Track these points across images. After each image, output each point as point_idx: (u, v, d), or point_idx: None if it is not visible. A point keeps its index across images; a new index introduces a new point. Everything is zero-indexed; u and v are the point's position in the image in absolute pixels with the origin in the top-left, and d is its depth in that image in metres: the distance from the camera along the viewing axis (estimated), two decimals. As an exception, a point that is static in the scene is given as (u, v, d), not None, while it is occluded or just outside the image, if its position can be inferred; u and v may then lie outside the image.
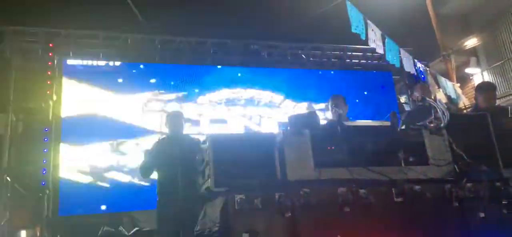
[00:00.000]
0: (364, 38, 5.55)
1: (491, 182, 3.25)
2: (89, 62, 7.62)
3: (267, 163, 3.10)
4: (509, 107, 4.86)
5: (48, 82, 7.37)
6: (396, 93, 9.38)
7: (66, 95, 7.34)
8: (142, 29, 8.29)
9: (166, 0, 9.82)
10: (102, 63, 7.71)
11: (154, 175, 4.65)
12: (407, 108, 8.75)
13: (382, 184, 3.11)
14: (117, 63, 7.77)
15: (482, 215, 3.14)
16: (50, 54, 7.49)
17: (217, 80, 8.21)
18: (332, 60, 9.32)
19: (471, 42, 10.40)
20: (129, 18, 8.29)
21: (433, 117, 3.49)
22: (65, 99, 7.31)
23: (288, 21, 10.31)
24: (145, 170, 4.61)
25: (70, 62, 7.57)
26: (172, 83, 7.95)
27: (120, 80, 7.68)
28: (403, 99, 9.43)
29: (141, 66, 7.94)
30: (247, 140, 3.35)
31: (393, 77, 9.45)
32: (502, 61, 10.05)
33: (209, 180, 3.00)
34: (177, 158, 4.36)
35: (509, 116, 4.53)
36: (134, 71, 7.87)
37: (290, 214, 2.88)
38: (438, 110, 3.40)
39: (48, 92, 7.33)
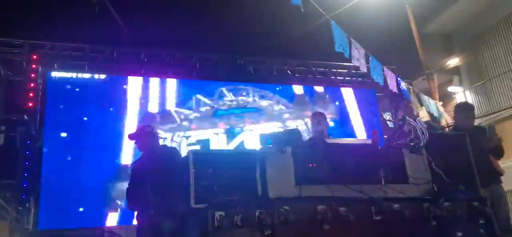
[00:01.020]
0: (347, 57, 5.62)
1: (468, 202, 3.30)
2: (74, 75, 7.57)
3: (248, 180, 3.12)
4: (487, 127, 4.97)
5: (31, 95, 7.28)
6: (380, 110, 9.49)
7: (50, 107, 7.27)
8: (128, 42, 8.28)
9: (153, 14, 9.83)
10: (87, 75, 7.67)
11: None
12: (390, 125, 8.85)
13: (362, 202, 3.14)
14: (103, 76, 7.73)
15: (459, 234, 3.17)
16: (34, 66, 7.41)
17: (202, 92, 8.26)
18: (317, 76, 9.40)
19: (454, 61, 10.58)
20: (116, 32, 8.28)
21: (413, 136, 3.54)
22: (49, 111, 7.24)
23: (274, 38, 10.41)
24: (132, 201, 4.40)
25: (54, 74, 7.52)
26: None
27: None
28: (386, 116, 9.55)
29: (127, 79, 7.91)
30: (228, 156, 3.37)
31: (377, 94, 9.57)
32: (484, 81, 10.25)
33: (190, 196, 3.01)
34: (148, 173, 4.20)
35: (487, 135, 4.62)
36: (121, 84, 7.84)
37: (270, 231, 2.88)
38: (417, 129, 3.45)
39: (30, 104, 7.24)
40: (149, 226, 4.13)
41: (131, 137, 4.39)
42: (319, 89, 9.26)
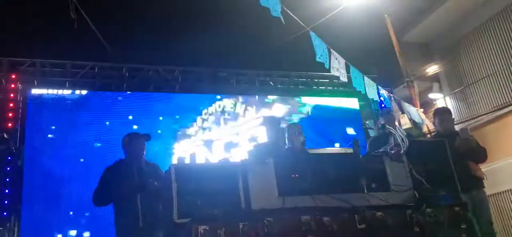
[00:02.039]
0: (328, 67, 5.67)
1: (450, 207, 3.35)
2: (55, 92, 7.47)
3: (231, 192, 3.11)
4: (459, 130, 5.03)
5: (10, 115, 7.16)
6: (362, 119, 9.58)
7: (30, 125, 7.16)
8: (109, 58, 8.22)
9: (134, 28, 9.81)
10: (68, 92, 7.58)
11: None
12: (372, 133, 8.93)
13: (345, 211, 3.16)
14: (84, 92, 7.66)
15: (442, 239, 3.22)
16: (13, 85, 7.30)
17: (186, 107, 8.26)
18: (300, 87, 9.47)
19: (433, 68, 10.76)
20: (97, 48, 8.22)
21: (394, 144, 3.59)
22: (29, 129, 7.13)
23: (256, 49, 10.47)
24: (100, 199, 4.27)
25: (35, 91, 7.41)
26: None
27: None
28: (368, 124, 9.64)
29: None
30: (211, 169, 3.36)
31: (359, 103, 9.67)
32: (463, 87, 10.45)
33: (173, 210, 2.98)
34: (137, 185, 4.11)
35: (460, 138, 4.66)
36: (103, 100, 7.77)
37: (254, 244, 2.88)
38: (398, 137, 3.50)
39: (10, 125, 7.12)
40: None
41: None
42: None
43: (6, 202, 6.82)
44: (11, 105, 7.21)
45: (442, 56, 11.08)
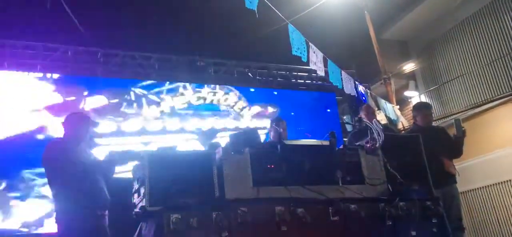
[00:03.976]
0: (305, 60, 5.65)
1: (422, 201, 3.38)
2: (25, 74, 7.22)
3: (205, 181, 3.06)
4: (454, 120, 5.10)
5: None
6: (339, 114, 9.65)
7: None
8: (84, 41, 7.98)
9: (110, 13, 9.56)
10: (39, 74, 7.33)
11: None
12: (349, 128, 9.00)
13: (319, 203, 3.15)
14: (56, 76, 7.42)
15: (413, 233, 3.26)
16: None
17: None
18: (278, 79, 9.45)
19: (410, 66, 10.92)
20: (71, 30, 7.97)
21: (369, 137, 3.60)
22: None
23: (235, 39, 10.38)
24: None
25: (3, 73, 7.13)
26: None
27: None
28: (345, 119, 9.72)
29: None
30: (185, 157, 3.29)
31: (337, 98, 9.72)
32: (438, 86, 10.64)
33: (144, 199, 2.91)
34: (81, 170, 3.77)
35: (456, 127, 4.78)
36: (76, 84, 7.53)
37: (227, 234, 2.84)
38: (374, 131, 3.51)
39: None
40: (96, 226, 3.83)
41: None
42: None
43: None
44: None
45: (419, 55, 11.26)
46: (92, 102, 7.54)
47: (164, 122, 8.07)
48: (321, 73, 6.16)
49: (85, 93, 7.52)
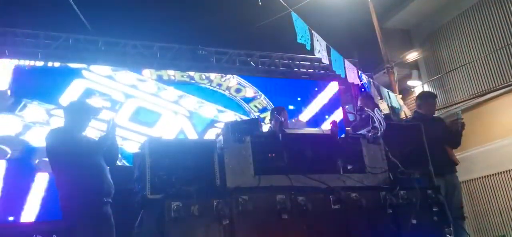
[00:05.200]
0: (309, 48, 5.64)
1: (423, 190, 3.38)
2: (26, 62, 7.21)
3: (206, 169, 3.07)
4: (456, 113, 5.08)
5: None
6: (342, 103, 9.62)
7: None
8: (85, 30, 7.97)
9: (111, 2, 9.52)
10: (40, 63, 7.32)
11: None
12: (351, 117, 8.97)
13: (320, 192, 3.15)
14: (57, 64, 7.41)
15: (414, 221, 3.25)
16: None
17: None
18: (280, 68, 9.42)
19: (413, 55, 10.85)
20: (72, 18, 7.95)
21: (371, 126, 3.59)
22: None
23: (237, 28, 10.33)
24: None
25: (4, 61, 7.12)
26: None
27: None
28: (348, 108, 9.68)
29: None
30: (187, 145, 3.30)
31: (339, 87, 9.69)
32: (441, 75, 10.59)
33: (145, 186, 2.92)
34: (84, 156, 3.80)
35: (455, 118, 4.77)
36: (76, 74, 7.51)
37: (228, 221, 2.84)
38: (375, 120, 3.50)
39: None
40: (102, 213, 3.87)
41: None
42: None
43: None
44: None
45: (422, 44, 11.19)
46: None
47: (158, 86, 8.09)
48: (325, 61, 6.14)
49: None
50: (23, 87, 7.04)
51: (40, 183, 6.48)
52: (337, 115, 9.23)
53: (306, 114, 8.97)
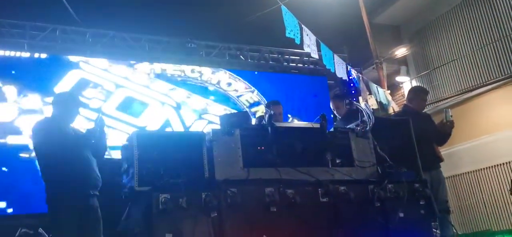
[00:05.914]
0: (298, 43, 5.63)
1: (410, 184, 3.41)
2: (12, 53, 7.09)
3: (195, 162, 3.05)
4: (444, 110, 5.12)
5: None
6: (330, 98, 9.64)
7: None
8: (73, 21, 7.84)
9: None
10: (26, 54, 7.21)
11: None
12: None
13: (309, 185, 3.16)
14: (43, 56, 7.30)
15: (401, 214, 3.28)
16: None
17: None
18: (270, 62, 9.41)
19: (402, 51, 10.91)
20: (60, 10, 7.82)
21: (360, 120, 3.60)
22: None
23: (227, 22, 10.29)
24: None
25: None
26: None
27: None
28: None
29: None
30: (175, 138, 3.28)
31: (328, 82, 9.72)
32: (429, 71, 10.68)
33: (133, 178, 2.90)
34: (71, 148, 3.73)
35: (445, 118, 4.80)
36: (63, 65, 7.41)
37: (216, 214, 2.84)
38: (364, 114, 3.51)
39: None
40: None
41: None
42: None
43: None
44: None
45: (410, 40, 11.26)
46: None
47: (150, 78, 8.06)
48: (314, 55, 6.16)
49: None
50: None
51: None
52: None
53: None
